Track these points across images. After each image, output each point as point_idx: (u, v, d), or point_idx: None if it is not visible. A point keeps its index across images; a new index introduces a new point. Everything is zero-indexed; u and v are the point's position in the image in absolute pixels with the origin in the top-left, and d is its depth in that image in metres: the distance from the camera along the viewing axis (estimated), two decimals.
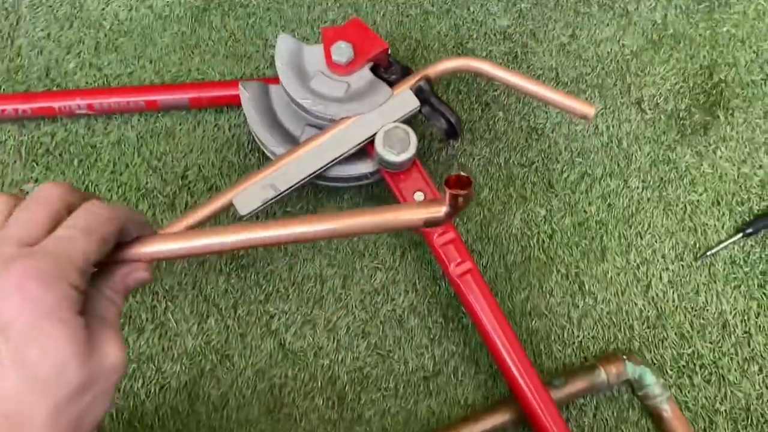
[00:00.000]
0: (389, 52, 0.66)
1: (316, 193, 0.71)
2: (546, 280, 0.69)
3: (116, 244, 0.37)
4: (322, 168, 0.61)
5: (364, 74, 0.64)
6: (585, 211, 0.72)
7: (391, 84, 0.64)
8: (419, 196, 0.63)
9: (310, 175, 0.61)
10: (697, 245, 0.71)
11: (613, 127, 0.76)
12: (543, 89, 0.62)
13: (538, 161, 0.74)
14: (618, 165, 0.74)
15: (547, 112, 0.76)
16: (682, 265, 0.70)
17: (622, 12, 0.82)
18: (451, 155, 0.74)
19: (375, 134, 0.61)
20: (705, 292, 0.69)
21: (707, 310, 0.68)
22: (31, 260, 0.31)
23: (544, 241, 0.71)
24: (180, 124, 0.74)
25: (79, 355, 0.32)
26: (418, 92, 0.63)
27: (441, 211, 0.38)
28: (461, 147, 0.75)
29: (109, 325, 0.35)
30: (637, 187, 0.73)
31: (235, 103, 0.71)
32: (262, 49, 0.79)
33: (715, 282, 0.69)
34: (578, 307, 0.68)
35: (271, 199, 0.60)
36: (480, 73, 0.65)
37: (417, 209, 0.39)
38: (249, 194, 0.59)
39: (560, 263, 0.70)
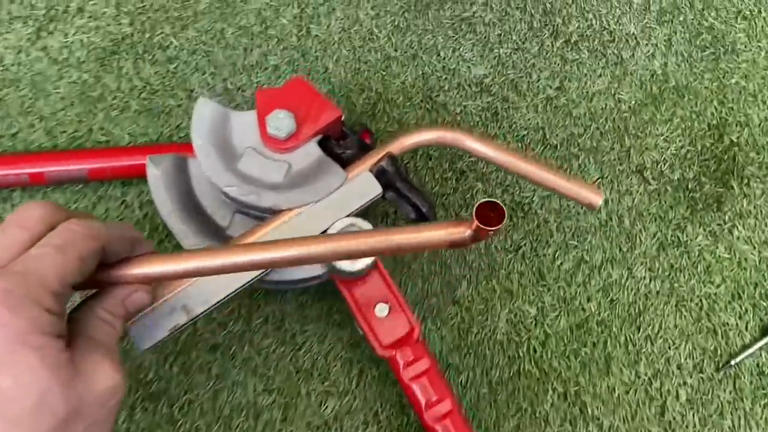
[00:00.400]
0: (343, 119, 0.51)
1: (250, 292, 0.56)
2: (540, 401, 0.55)
3: (107, 264, 0.35)
4: (255, 279, 0.46)
5: (311, 151, 0.50)
6: (583, 308, 0.59)
7: (346, 162, 0.50)
8: (382, 309, 0.49)
9: (239, 289, 0.46)
10: (718, 351, 0.58)
11: (612, 201, 0.64)
12: (539, 170, 0.49)
13: (525, 245, 0.61)
14: (620, 249, 0.62)
15: (526, 183, 0.63)
16: (702, 378, 0.57)
17: (616, 59, 0.70)
18: None
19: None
20: (731, 413, 0.56)
21: None
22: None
23: (535, 350, 0.57)
24: (76, 202, 0.58)
25: (60, 382, 0.29)
26: (380, 174, 0.49)
27: (465, 233, 0.35)
28: None
29: (104, 348, 0.33)
30: (644, 278, 0.61)
31: None
32: (186, 103, 0.63)
33: (742, 399, 0.57)
34: None
35: (184, 325, 0.44)
36: (460, 148, 0.51)
37: (439, 229, 0.36)
38: (152, 320, 0.43)
39: (556, 378, 0.56)
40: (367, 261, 0.46)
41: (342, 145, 0.51)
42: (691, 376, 0.57)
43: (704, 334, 0.59)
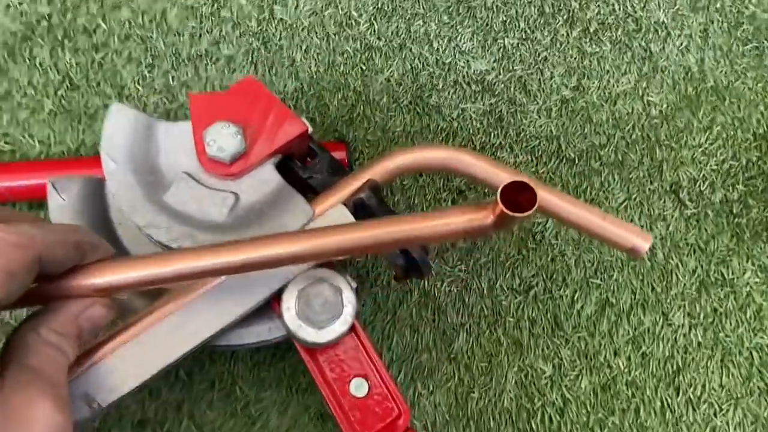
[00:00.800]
0: (311, 132, 0.39)
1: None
2: None
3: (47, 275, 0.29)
4: (189, 351, 0.34)
5: (266, 177, 0.37)
6: (610, 365, 0.48)
7: (311, 192, 0.38)
8: (359, 386, 0.37)
9: (167, 366, 0.34)
10: None
11: (642, 227, 0.52)
12: (575, 209, 0.37)
13: (537, 285, 0.49)
14: (653, 289, 0.50)
15: None
16: None
17: (644, 53, 0.58)
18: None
19: (282, 288, 0.35)
20: None
21: None
22: None
23: (551, 419, 0.46)
24: None
25: None
26: (359, 208, 0.37)
27: (486, 219, 0.30)
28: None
29: (43, 380, 0.27)
30: (682, 325, 0.49)
31: None
32: (117, 101, 0.50)
33: None
34: None
35: (87, 421, 0.32)
36: (467, 177, 0.39)
37: (456, 215, 0.31)
38: None
39: None
40: (339, 328, 0.34)
41: (309, 167, 0.39)
42: None
43: (756, 397, 0.48)
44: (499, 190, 0.28)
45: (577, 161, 0.54)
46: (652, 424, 0.46)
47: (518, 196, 0.28)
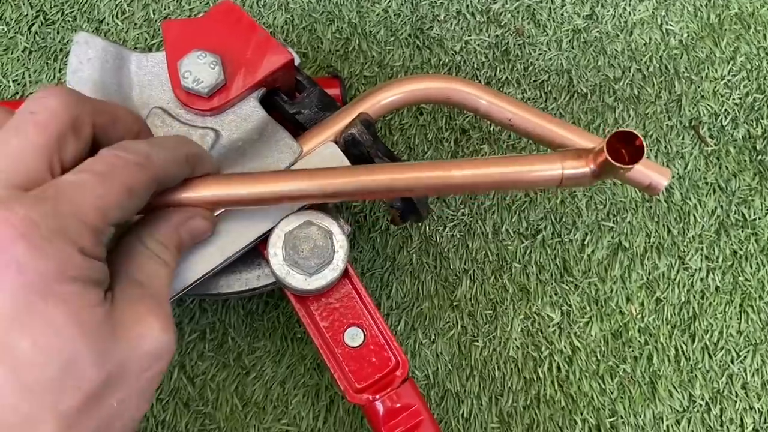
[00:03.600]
0: (298, 63, 0.36)
1: (179, 301, 0.42)
2: None
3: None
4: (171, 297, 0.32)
5: (249, 112, 0.34)
6: (621, 312, 0.45)
7: (302, 127, 0.35)
8: (354, 335, 0.35)
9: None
10: None
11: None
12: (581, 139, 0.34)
13: (545, 228, 0.46)
14: (669, 231, 0.47)
15: None
16: None
17: None
18: None
19: (268, 233, 0.32)
20: None
21: None
22: (18, 209, 0.22)
23: (560, 368, 0.44)
24: None
25: (93, 345, 0.23)
26: (350, 145, 0.34)
27: (586, 170, 0.29)
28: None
29: (151, 296, 0.26)
30: (700, 269, 0.47)
31: None
32: None
33: None
34: None
35: None
36: (469, 110, 0.36)
37: (551, 162, 0.30)
38: None
39: (587, 406, 0.43)
40: (330, 274, 0.32)
41: (297, 102, 0.36)
42: (759, 399, 0.44)
43: None
44: (606, 140, 0.27)
45: (589, 96, 0.50)
46: (666, 372, 0.44)
47: (620, 146, 0.28)
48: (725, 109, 0.51)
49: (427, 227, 0.46)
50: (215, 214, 0.31)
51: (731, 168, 0.49)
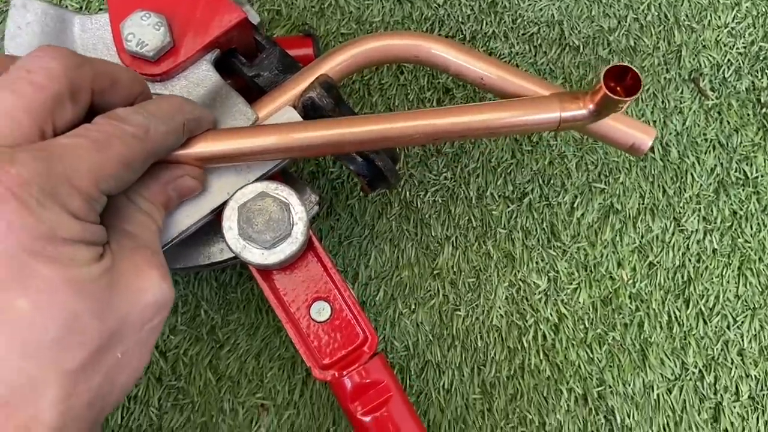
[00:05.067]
0: (257, 22, 0.33)
1: None
2: (551, 408, 0.41)
3: None
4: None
5: (202, 76, 0.32)
6: (612, 277, 0.43)
7: (255, 92, 0.33)
8: (320, 309, 0.33)
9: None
10: None
11: (655, 123, 0.46)
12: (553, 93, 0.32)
13: (532, 191, 0.44)
14: (664, 192, 0.45)
15: None
16: None
17: None
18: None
19: (222, 206, 0.31)
20: None
21: None
22: (9, 167, 0.21)
23: (545, 337, 0.42)
24: None
25: (92, 302, 0.23)
26: (311, 110, 0.32)
27: (584, 111, 0.29)
28: (404, 169, 0.44)
29: (146, 248, 0.26)
30: (696, 231, 0.44)
31: None
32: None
33: None
34: None
35: None
36: (438, 68, 0.33)
37: (547, 104, 0.29)
38: None
39: (573, 376, 0.41)
40: (287, 249, 0.30)
41: (255, 64, 0.34)
42: (756, 366, 0.42)
43: None
44: (602, 74, 0.27)
45: (582, 49, 0.47)
46: (657, 339, 0.42)
47: (616, 83, 0.28)
48: (728, 60, 0.48)
49: (408, 192, 0.44)
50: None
51: (733, 123, 0.46)
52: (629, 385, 0.42)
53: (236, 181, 0.31)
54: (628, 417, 0.41)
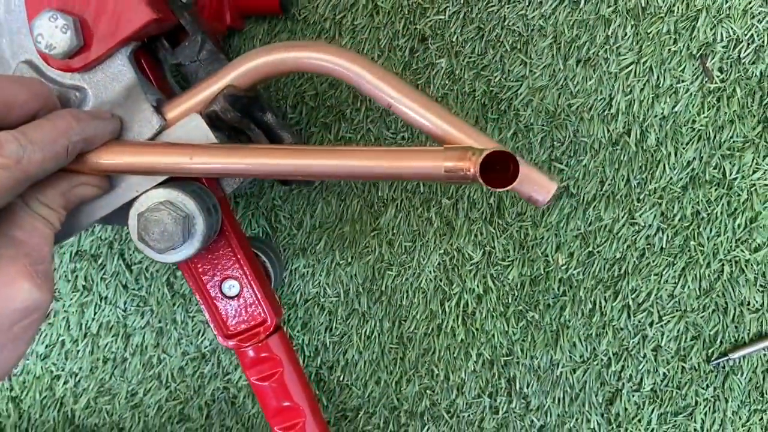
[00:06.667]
0: (187, 1, 0.33)
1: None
2: (457, 367, 0.45)
3: None
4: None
5: (116, 71, 0.33)
6: (547, 260, 0.44)
7: (185, 82, 0.33)
8: (232, 286, 0.37)
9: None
10: (720, 338, 0.43)
11: (642, 102, 0.42)
12: (446, 124, 0.31)
13: None
14: (627, 181, 0.43)
15: (514, 60, 0.43)
16: (683, 368, 0.44)
17: None
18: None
19: (133, 200, 0.33)
20: (704, 416, 0.44)
21: None
22: None
23: (467, 305, 0.45)
24: None
25: None
26: (215, 121, 0.33)
27: (470, 169, 0.29)
28: (363, 123, 0.44)
29: (25, 253, 0.27)
30: (649, 226, 0.43)
31: None
32: None
33: (726, 401, 0.44)
34: (497, 411, 0.45)
35: None
36: (349, 83, 0.32)
37: (438, 155, 0.30)
38: None
39: (485, 343, 0.45)
40: (175, 257, 0.33)
41: (179, 51, 0.34)
42: (667, 363, 0.44)
43: (709, 313, 0.43)
44: (481, 157, 0.28)
45: (582, 5, 0.42)
46: (575, 324, 0.44)
47: (498, 164, 0.28)
48: (751, 35, 0.41)
49: None
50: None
51: (730, 113, 0.42)
52: (536, 359, 0.45)
53: (145, 181, 0.33)
54: (527, 387, 0.45)
